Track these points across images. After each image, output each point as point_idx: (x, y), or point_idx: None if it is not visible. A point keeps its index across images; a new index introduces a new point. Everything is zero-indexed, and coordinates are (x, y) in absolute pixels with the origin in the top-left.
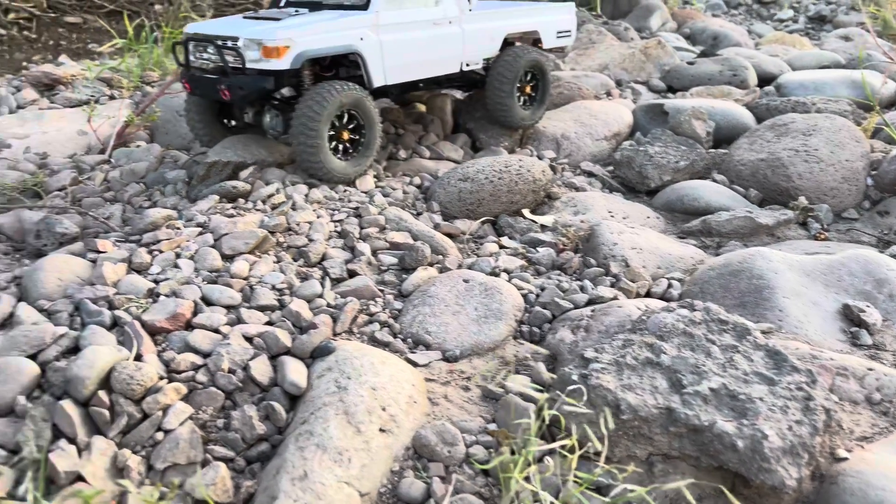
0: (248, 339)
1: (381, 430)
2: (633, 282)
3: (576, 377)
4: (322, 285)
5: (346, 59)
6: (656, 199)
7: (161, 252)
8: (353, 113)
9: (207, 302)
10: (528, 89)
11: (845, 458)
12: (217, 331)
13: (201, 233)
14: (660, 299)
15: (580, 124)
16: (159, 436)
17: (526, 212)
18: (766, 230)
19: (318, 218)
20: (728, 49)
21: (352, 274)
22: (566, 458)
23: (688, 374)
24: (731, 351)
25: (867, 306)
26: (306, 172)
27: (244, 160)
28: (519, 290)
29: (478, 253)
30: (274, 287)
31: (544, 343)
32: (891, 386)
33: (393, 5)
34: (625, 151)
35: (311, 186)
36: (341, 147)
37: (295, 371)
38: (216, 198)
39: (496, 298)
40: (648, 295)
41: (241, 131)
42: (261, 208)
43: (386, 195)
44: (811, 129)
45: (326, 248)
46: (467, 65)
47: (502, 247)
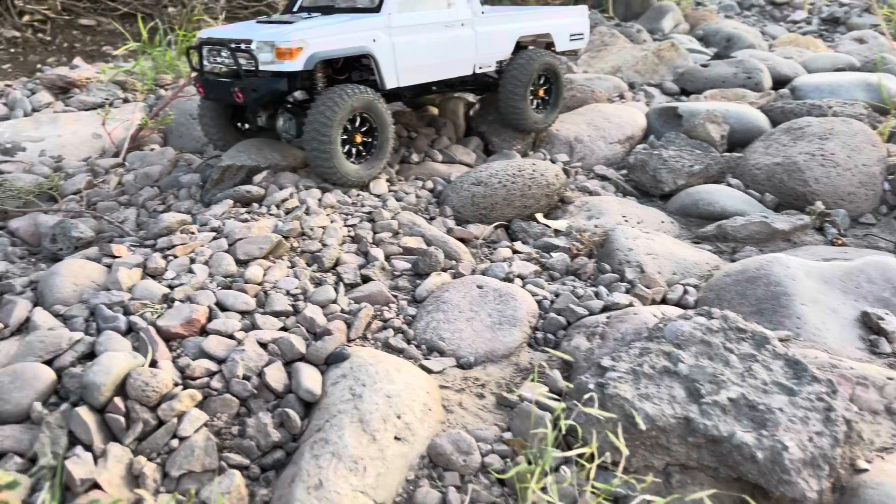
0: (263, 345)
1: (397, 439)
2: (649, 288)
3: (592, 386)
4: (336, 291)
5: (358, 62)
6: (670, 203)
7: (176, 257)
8: (366, 116)
9: (222, 307)
10: (541, 92)
11: (865, 470)
12: (232, 336)
13: (216, 237)
14: (675, 306)
15: (593, 127)
16: (174, 443)
17: (539, 216)
18: (782, 235)
19: (331, 223)
20: (742, 51)
21: (365, 279)
22: (583, 468)
23: (706, 383)
24: (750, 360)
25: (886, 314)
26: (320, 177)
27: (258, 164)
28: (533, 296)
29: (491, 258)
30: (288, 292)
31: (559, 350)
32: None
33: (405, 7)
34: (639, 155)
35: (324, 191)
36: (354, 151)
37: (310, 378)
38: (230, 202)
39: (510, 305)
40: (664, 301)
41: (255, 135)
42: (275, 213)
43: (399, 199)
44: (827, 133)
45: (340, 253)
46: (480, 67)
47: (516, 252)
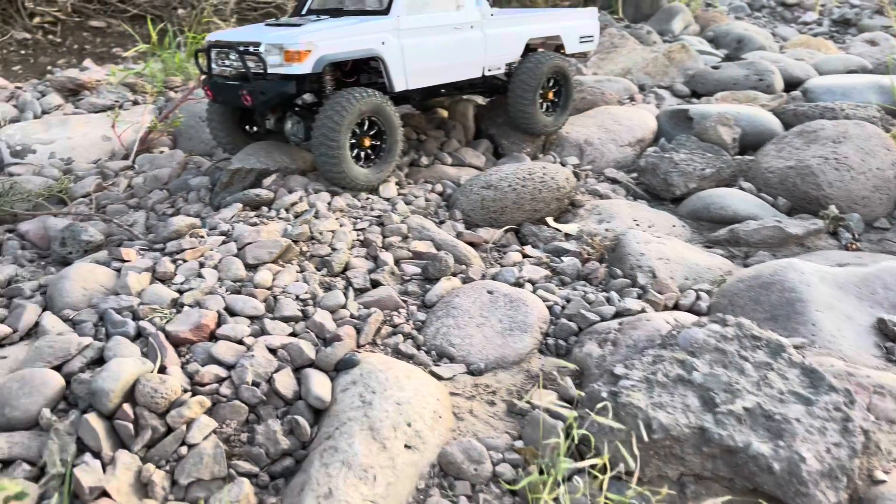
0: (272, 350)
1: (407, 447)
2: (661, 293)
3: (605, 394)
4: (345, 296)
5: (367, 65)
6: (682, 206)
7: (185, 261)
8: (374, 119)
9: (231, 312)
10: (550, 95)
11: (883, 481)
12: (241, 342)
13: (225, 241)
14: (688, 312)
15: (604, 130)
16: (183, 450)
17: (550, 220)
18: (795, 240)
19: (340, 227)
20: (753, 53)
21: (375, 284)
22: (596, 479)
23: (721, 392)
24: (766, 368)
25: None
26: (329, 182)
27: (267, 167)
28: (544, 301)
29: (501, 262)
30: (297, 297)
31: (570, 357)
32: None
33: (414, 9)
34: (649, 158)
35: (333, 194)
36: (363, 154)
37: (319, 384)
38: (239, 206)
39: (521, 310)
40: (676, 307)
41: (263, 138)
42: (284, 216)
43: (408, 203)
44: (841, 136)
45: (349, 257)
46: (489, 70)
47: (526, 256)
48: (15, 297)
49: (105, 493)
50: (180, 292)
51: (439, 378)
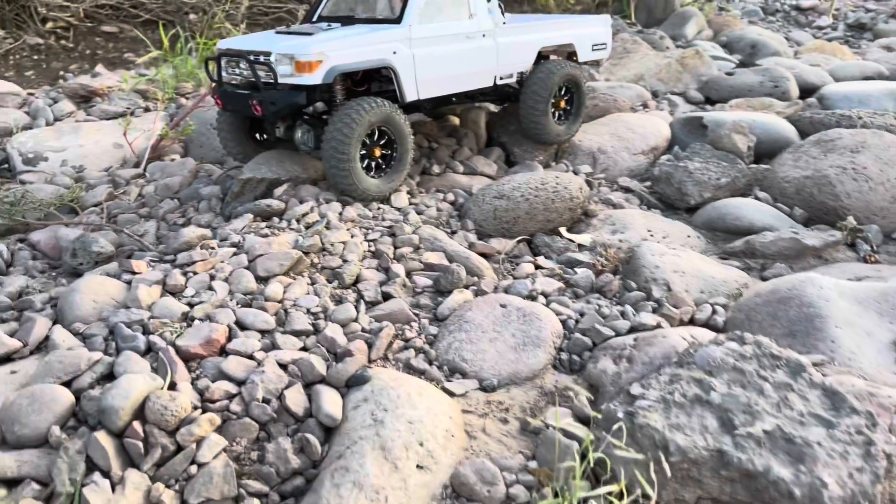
0: (283, 366)
1: (419, 467)
2: (676, 308)
3: (621, 415)
4: (357, 309)
5: (378, 73)
6: (696, 216)
7: (195, 273)
8: (384, 129)
9: (242, 326)
10: (562, 104)
11: None
12: (251, 357)
13: (235, 253)
14: (704, 326)
15: (617, 138)
16: (193, 469)
17: (563, 230)
18: (812, 252)
19: (352, 238)
20: (767, 58)
21: (386, 297)
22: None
23: (739, 413)
24: (786, 389)
25: None
26: (340, 193)
27: (278, 177)
28: (557, 315)
29: (514, 274)
30: (308, 311)
31: (585, 373)
32: None
33: (426, 19)
34: (663, 167)
35: (344, 204)
36: (374, 164)
37: (330, 402)
38: (250, 216)
39: (535, 325)
40: (692, 321)
41: (273, 146)
42: (295, 227)
43: (420, 213)
44: (859, 145)
45: (360, 268)
46: (501, 79)
47: (539, 267)
48: (26, 309)
49: None
50: (191, 305)
51: (451, 394)
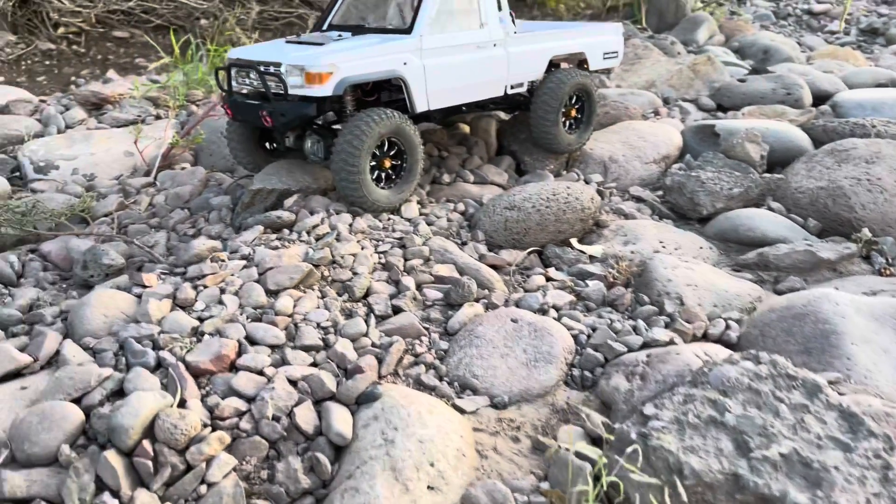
0: (293, 382)
1: (430, 488)
2: (689, 323)
3: (634, 436)
4: (367, 323)
5: (388, 83)
6: (708, 227)
7: (206, 287)
8: (394, 140)
9: (252, 341)
10: (573, 112)
11: None
12: (261, 373)
13: (246, 266)
14: (717, 342)
15: (628, 146)
16: (203, 489)
17: (574, 241)
18: (827, 265)
19: (362, 249)
20: (780, 65)
21: (396, 310)
22: None
23: (755, 435)
24: (802, 411)
25: None
26: (351, 204)
27: (289, 187)
28: (569, 329)
29: (525, 286)
30: (318, 325)
31: (597, 389)
32: None
33: (437, 29)
34: (675, 177)
35: (354, 215)
36: (384, 175)
37: (340, 420)
38: (261, 228)
39: (546, 340)
40: (705, 337)
41: (283, 155)
42: (305, 239)
43: (430, 223)
44: (874, 156)
45: (371, 281)
46: (512, 88)
47: (550, 279)
48: (36, 323)
49: None
50: (201, 320)
51: (462, 412)
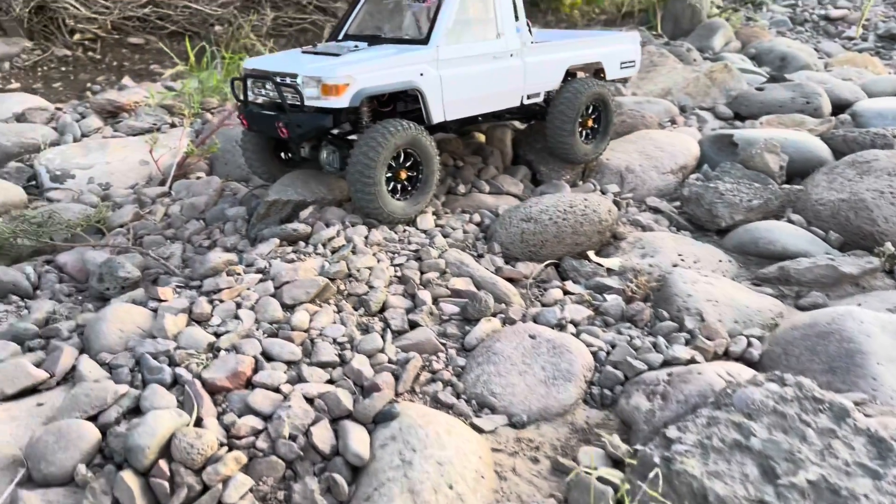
0: (309, 400)
1: None
2: (710, 340)
3: (657, 460)
4: (383, 338)
5: (404, 93)
6: (727, 239)
7: (222, 301)
8: (410, 151)
9: (268, 357)
10: (589, 122)
11: None
12: (278, 390)
13: (262, 280)
14: (738, 360)
15: (645, 156)
16: None
17: (591, 254)
18: (849, 279)
19: (378, 262)
20: (798, 73)
21: (413, 325)
22: None
23: (781, 461)
24: (829, 436)
25: None
26: (366, 216)
27: (304, 199)
28: (588, 346)
29: (542, 300)
30: (335, 341)
31: (617, 408)
32: None
33: (453, 39)
34: (693, 188)
35: (370, 227)
36: (399, 186)
37: (358, 440)
38: (276, 241)
39: (565, 357)
40: (726, 354)
41: (297, 165)
42: (321, 252)
43: (446, 235)
44: None
45: (387, 295)
46: (528, 98)
47: (567, 293)
48: (52, 337)
49: None
50: (217, 335)
51: (480, 431)
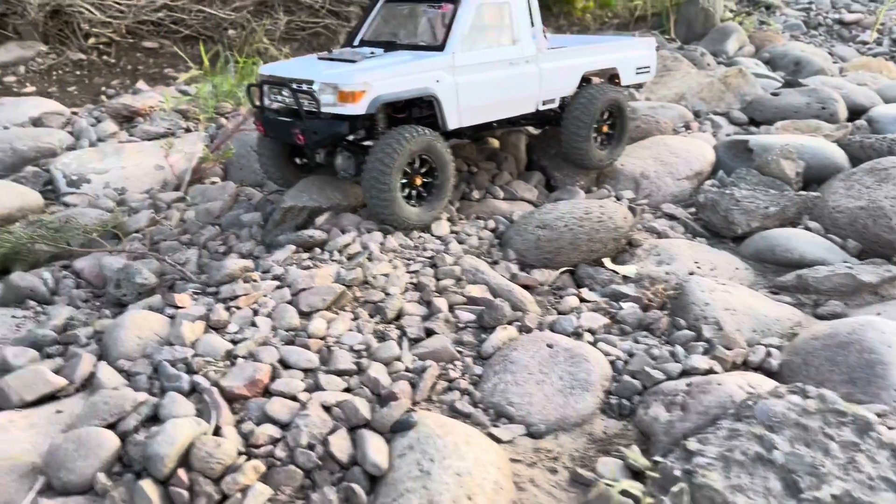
0: (327, 408)
1: None
2: (729, 349)
3: (679, 473)
4: (400, 346)
5: (420, 99)
6: (744, 246)
7: (239, 308)
8: (425, 157)
9: (285, 365)
10: (605, 128)
11: None
12: (295, 398)
13: (279, 286)
14: (757, 369)
15: (660, 162)
16: None
17: (607, 261)
18: (868, 288)
19: (394, 269)
20: (813, 77)
21: (429, 332)
22: None
23: (805, 475)
24: (853, 449)
25: None
26: (381, 223)
27: (319, 205)
28: (606, 355)
29: (558, 307)
30: (352, 348)
31: (635, 418)
32: None
33: (469, 46)
34: (709, 194)
35: (386, 233)
36: (414, 192)
37: (376, 450)
38: (292, 248)
39: (583, 367)
40: (745, 364)
41: (312, 171)
42: (337, 259)
43: (461, 242)
44: None
45: (403, 302)
46: (543, 103)
47: (583, 300)
48: (71, 344)
49: None
50: (234, 342)
51: (498, 441)
